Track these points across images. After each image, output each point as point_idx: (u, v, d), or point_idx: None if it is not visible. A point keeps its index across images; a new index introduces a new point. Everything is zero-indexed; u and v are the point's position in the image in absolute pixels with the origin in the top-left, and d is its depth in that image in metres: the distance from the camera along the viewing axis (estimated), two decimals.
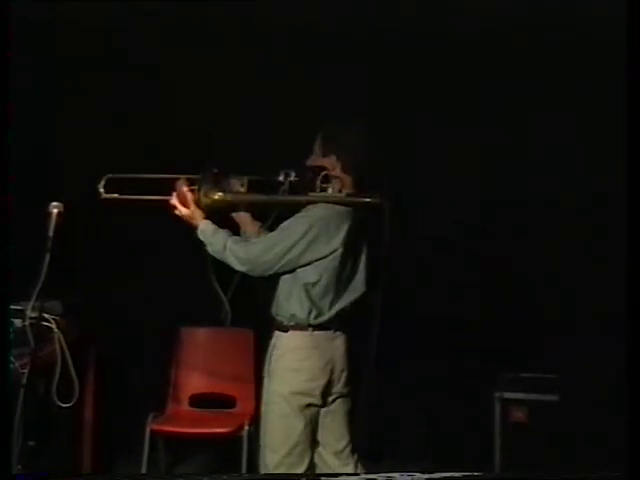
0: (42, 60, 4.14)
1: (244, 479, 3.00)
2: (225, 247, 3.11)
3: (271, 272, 3.12)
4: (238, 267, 3.12)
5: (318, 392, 3.13)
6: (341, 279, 3.14)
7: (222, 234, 3.16)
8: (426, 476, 2.38)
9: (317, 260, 3.08)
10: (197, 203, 3.17)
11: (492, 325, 4.16)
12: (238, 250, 3.11)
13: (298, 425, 3.10)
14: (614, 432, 2.82)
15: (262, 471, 3.17)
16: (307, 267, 3.09)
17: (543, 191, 4.12)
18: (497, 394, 3.96)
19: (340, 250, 3.09)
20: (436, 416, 4.30)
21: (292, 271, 3.11)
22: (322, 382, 3.13)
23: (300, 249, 3.07)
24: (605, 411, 3.64)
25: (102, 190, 3.25)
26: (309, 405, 3.13)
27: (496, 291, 4.22)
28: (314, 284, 3.09)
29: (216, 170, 3.20)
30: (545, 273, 4.17)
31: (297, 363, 3.12)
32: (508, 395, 3.96)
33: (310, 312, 3.11)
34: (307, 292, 3.10)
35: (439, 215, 4.18)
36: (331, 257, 3.09)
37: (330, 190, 3.08)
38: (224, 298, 3.24)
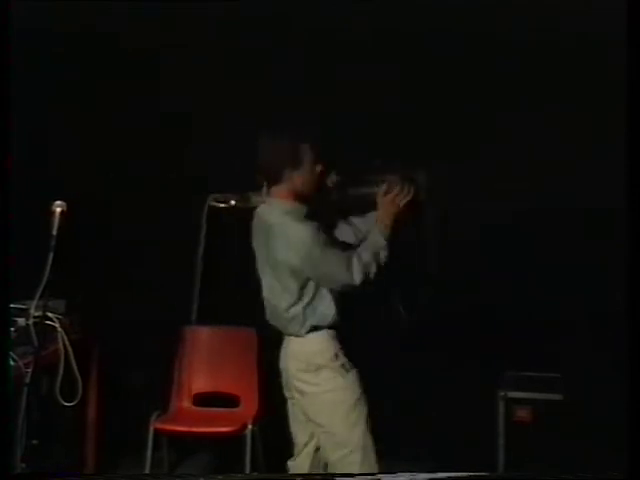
0: (43, 59, 4.15)
1: (241, 479, 2.98)
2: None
3: None
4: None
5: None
6: None
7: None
8: (429, 476, 2.38)
9: None
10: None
11: (496, 324, 4.16)
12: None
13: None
14: (615, 432, 2.81)
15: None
16: None
17: (545, 192, 4.12)
18: (501, 393, 3.94)
19: None
20: (439, 415, 4.30)
21: None
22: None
23: None
24: (608, 411, 3.63)
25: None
26: None
27: (499, 290, 4.22)
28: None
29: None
30: (548, 272, 4.16)
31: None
32: (512, 394, 3.94)
33: (335, 313, 3.06)
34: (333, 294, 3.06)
35: (442, 214, 4.17)
36: None
37: None
38: None
